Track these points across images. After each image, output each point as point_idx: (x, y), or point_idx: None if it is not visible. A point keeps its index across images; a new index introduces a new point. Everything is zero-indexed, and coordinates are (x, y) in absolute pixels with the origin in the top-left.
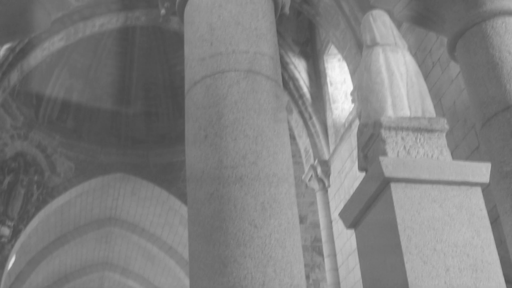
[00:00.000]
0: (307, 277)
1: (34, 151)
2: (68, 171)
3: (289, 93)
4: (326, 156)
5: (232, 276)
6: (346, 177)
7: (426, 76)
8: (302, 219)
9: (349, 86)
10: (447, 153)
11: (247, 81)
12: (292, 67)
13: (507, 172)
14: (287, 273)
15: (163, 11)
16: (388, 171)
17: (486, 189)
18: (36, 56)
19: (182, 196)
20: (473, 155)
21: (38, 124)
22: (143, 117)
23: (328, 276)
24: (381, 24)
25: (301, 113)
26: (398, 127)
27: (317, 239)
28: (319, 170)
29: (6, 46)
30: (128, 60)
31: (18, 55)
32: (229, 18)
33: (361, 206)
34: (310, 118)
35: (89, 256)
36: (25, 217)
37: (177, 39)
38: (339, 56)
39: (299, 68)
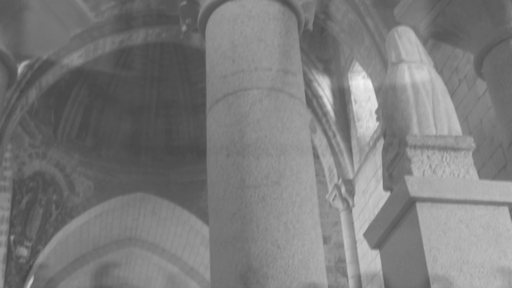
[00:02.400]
0: None
1: (53, 170)
2: (87, 190)
3: (313, 111)
4: (350, 175)
5: None
6: (371, 197)
7: (452, 93)
8: (326, 240)
9: (373, 104)
10: (473, 172)
11: (269, 99)
12: (315, 84)
13: None
14: None
15: (184, 28)
16: (414, 191)
17: None
18: (55, 73)
19: (204, 216)
20: (500, 174)
21: (57, 143)
22: (164, 135)
23: None
24: (406, 40)
25: (325, 132)
26: (424, 145)
27: (341, 260)
28: (343, 189)
29: (24, 63)
30: (148, 78)
31: (36, 72)
32: (251, 35)
33: (386, 226)
34: (334, 136)
35: (109, 277)
36: (43, 238)
37: (199, 56)
38: (363, 73)
39: (323, 86)
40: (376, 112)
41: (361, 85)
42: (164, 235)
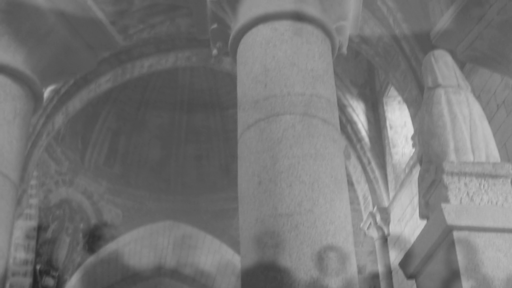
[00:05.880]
0: None
1: (80, 197)
2: (115, 218)
3: (347, 137)
4: (385, 203)
5: None
6: (407, 225)
7: (490, 119)
8: (360, 269)
9: (409, 129)
10: None
11: (303, 125)
12: (350, 109)
13: None
14: None
15: (215, 51)
16: (451, 219)
17: None
18: (82, 98)
19: (235, 245)
20: None
21: (84, 170)
22: (194, 161)
23: None
24: (443, 64)
25: (359, 158)
26: (461, 172)
27: None
28: (378, 217)
29: (50, 88)
30: (178, 103)
31: (63, 97)
32: (284, 59)
33: (422, 255)
34: (369, 163)
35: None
36: (70, 267)
37: (230, 81)
38: (399, 98)
39: (358, 111)
40: (412, 138)
41: (396, 111)
42: (194, 264)
